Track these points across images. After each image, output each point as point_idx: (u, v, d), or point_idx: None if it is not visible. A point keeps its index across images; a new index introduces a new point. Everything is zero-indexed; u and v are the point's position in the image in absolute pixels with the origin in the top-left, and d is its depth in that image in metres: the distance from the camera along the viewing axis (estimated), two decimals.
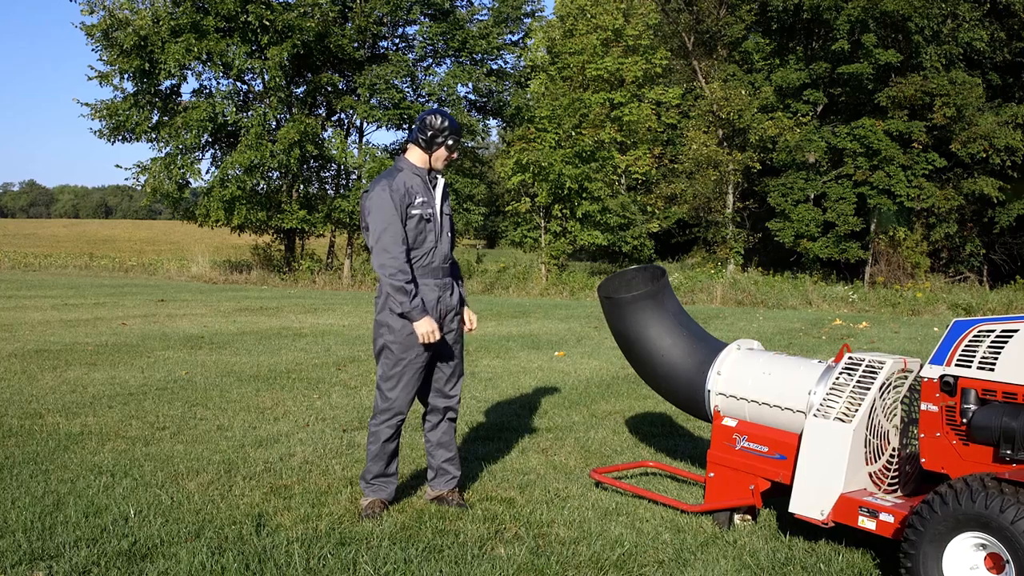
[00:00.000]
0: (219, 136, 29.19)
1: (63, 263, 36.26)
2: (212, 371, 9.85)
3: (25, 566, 4.09)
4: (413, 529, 4.75)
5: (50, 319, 14.83)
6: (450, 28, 28.63)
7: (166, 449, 6.30)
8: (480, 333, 14.29)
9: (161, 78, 27.35)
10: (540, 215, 29.15)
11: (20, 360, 10.26)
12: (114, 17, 26.87)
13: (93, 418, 7.29)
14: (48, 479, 5.47)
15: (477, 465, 6.06)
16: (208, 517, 4.83)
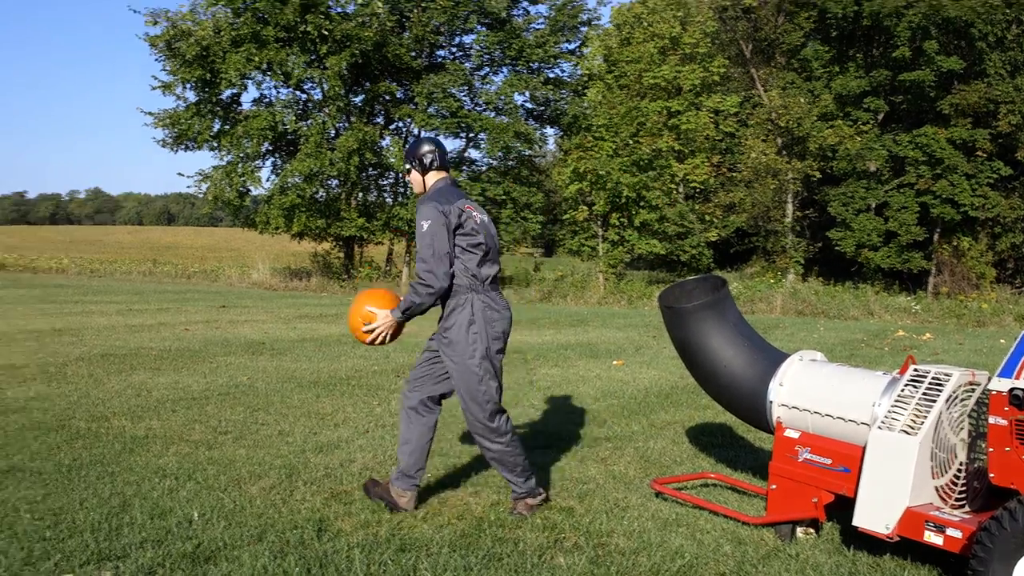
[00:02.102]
0: (279, 144, 29.52)
1: (127, 269, 36.85)
2: (273, 377, 9.96)
3: (93, 566, 4.16)
4: (473, 537, 4.76)
5: (115, 324, 15.09)
6: (507, 37, 28.71)
7: (228, 453, 6.38)
8: (538, 341, 14.29)
9: (222, 87, 27.76)
10: (598, 224, 29.08)
11: (87, 364, 10.45)
12: (177, 28, 27.32)
13: (157, 422, 7.41)
14: (114, 481, 5.56)
15: (536, 473, 6.05)
16: (270, 521, 4.88)
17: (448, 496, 5.45)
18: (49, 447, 6.39)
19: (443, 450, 6.61)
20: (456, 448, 6.70)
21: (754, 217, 34.29)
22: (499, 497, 5.46)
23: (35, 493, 5.24)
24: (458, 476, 5.92)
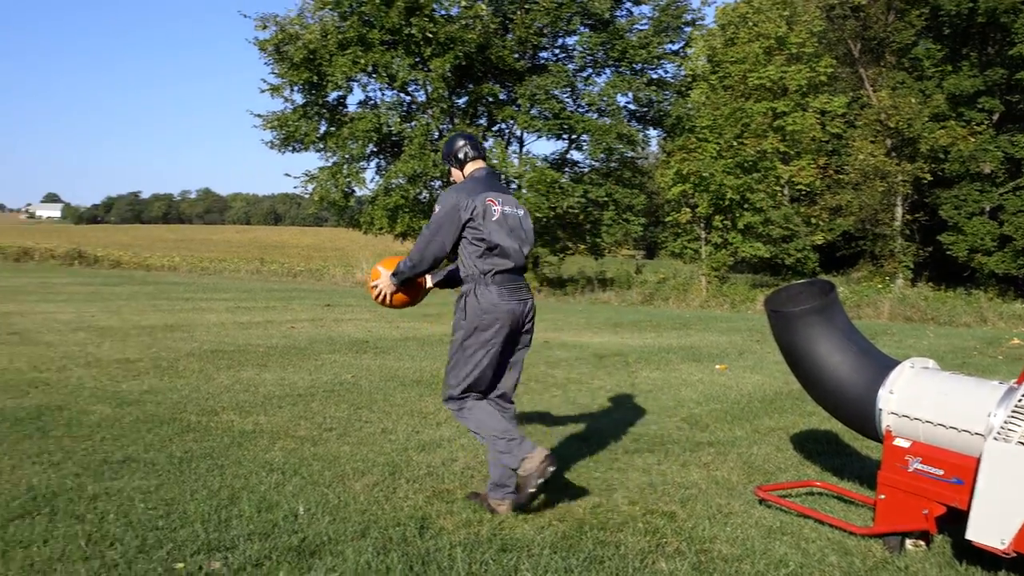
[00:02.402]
0: (383, 146, 29.89)
1: (236, 267, 37.73)
2: (376, 375, 10.09)
3: (203, 555, 4.26)
4: (574, 539, 4.75)
5: (224, 321, 15.46)
6: (610, 38, 28.60)
7: (333, 449, 6.48)
8: (639, 344, 14.21)
9: (328, 90, 28.25)
10: (700, 226, 28.82)
11: (197, 359, 10.73)
12: (285, 32, 27.89)
13: (264, 417, 7.56)
14: (223, 474, 5.69)
15: (637, 477, 6.02)
16: (373, 518, 4.94)
17: (549, 497, 5.44)
18: (161, 439, 6.58)
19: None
20: (557, 449, 6.69)
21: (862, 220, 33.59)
22: (600, 499, 5.44)
23: (148, 483, 5.40)
24: (558, 478, 5.91)
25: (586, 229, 29.65)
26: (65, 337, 12.37)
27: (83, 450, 6.14)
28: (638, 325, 17.94)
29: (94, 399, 8.04)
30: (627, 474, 6.07)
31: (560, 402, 8.84)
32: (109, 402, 7.93)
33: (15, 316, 14.96)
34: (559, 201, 27.60)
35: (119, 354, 10.95)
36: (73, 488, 5.21)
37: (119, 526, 4.59)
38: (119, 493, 5.16)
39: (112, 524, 4.61)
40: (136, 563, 4.11)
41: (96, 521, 4.65)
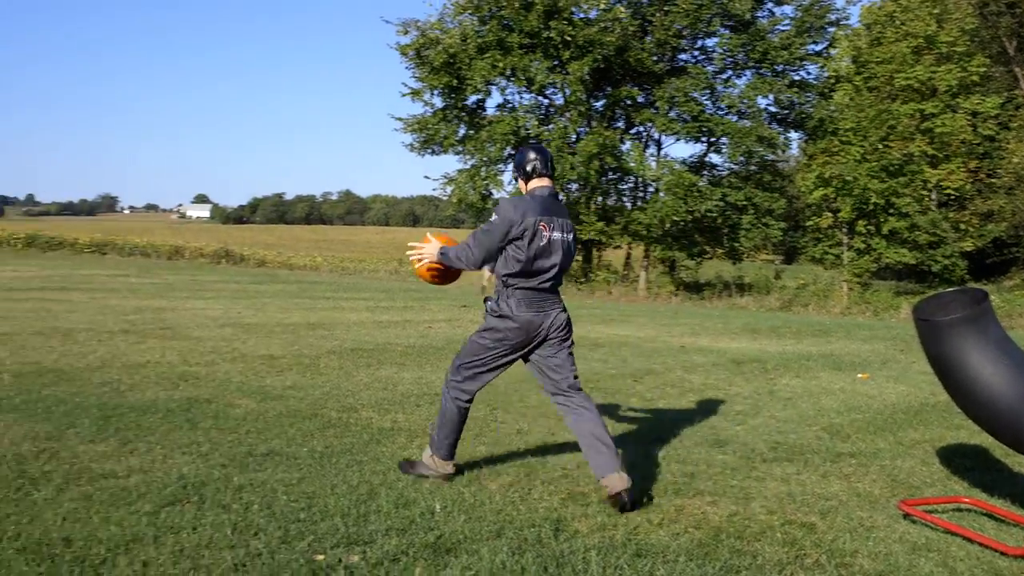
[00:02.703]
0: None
1: (375, 268, 38.49)
2: (512, 376, 10.09)
3: (343, 548, 4.34)
4: (710, 547, 4.68)
5: (364, 320, 15.78)
6: (751, 39, 28.16)
7: (469, 449, 6.53)
8: (778, 350, 13.95)
9: (468, 93, 28.60)
10: (843, 231, 28.13)
11: (338, 357, 10.98)
12: (426, 36, 28.33)
13: (402, 415, 7.68)
14: (362, 470, 5.80)
15: (775, 486, 5.90)
16: (508, 518, 4.96)
17: (685, 504, 5.38)
18: (303, 434, 6.75)
19: (680, 456, 6.55)
20: (694, 455, 6.62)
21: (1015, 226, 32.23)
22: (737, 508, 5.35)
23: (291, 476, 5.54)
24: (695, 484, 5.84)
25: (724, 233, 29.26)
26: (213, 333, 12.81)
27: (229, 442, 6.35)
28: (777, 331, 17.60)
29: (240, 393, 8.31)
30: (765, 483, 5.96)
31: (697, 408, 8.74)
32: (254, 396, 8.18)
33: (167, 312, 15.57)
34: (697, 205, 27.32)
35: (264, 350, 11.29)
36: (220, 478, 5.39)
37: (263, 516, 4.72)
38: (263, 485, 5.31)
39: (256, 514, 4.75)
40: (278, 553, 4.22)
41: (241, 511, 4.80)
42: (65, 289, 19.62)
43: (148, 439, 6.29)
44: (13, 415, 6.85)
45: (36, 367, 9.18)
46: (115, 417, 6.95)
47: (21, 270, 26.23)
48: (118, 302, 16.95)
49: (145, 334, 12.25)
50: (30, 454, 5.73)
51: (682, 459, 6.49)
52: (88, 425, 6.61)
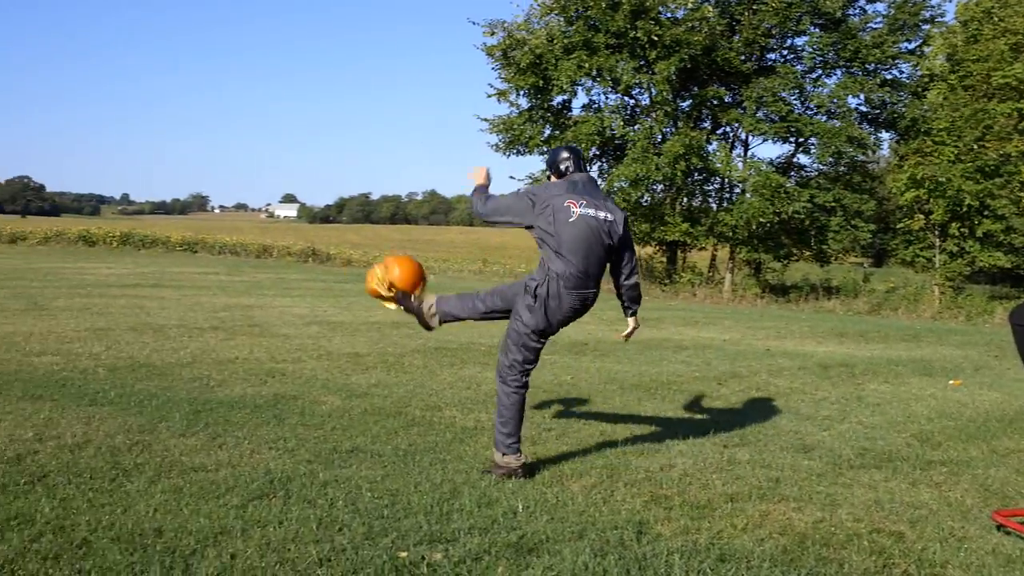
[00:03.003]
0: (606, 149, 29.97)
1: (459, 268, 38.71)
2: (595, 377, 10.12)
3: (426, 546, 4.37)
4: (795, 553, 4.61)
5: None
6: (841, 38, 27.65)
7: (551, 449, 6.54)
8: (866, 355, 13.70)
9: (554, 94, 28.57)
10: (935, 233, 27.49)
11: (422, 356, 11.07)
12: (512, 37, 28.38)
13: (486, 415, 7.71)
14: (445, 468, 5.84)
15: (863, 493, 5.79)
16: (591, 519, 4.95)
17: (769, 509, 5.31)
18: (387, 431, 6.82)
19: (765, 461, 6.47)
20: (779, 460, 6.53)
21: None
22: (823, 515, 5.26)
23: (375, 473, 5.60)
24: (780, 489, 5.76)
25: (811, 235, 28.80)
26: (300, 330, 13.01)
27: (315, 438, 6.44)
28: (865, 335, 17.29)
29: (325, 390, 8.43)
30: (852, 490, 5.85)
31: (782, 412, 8.62)
32: (339, 393, 8.29)
33: (256, 309, 15.86)
34: (784, 206, 26.93)
35: (349, 348, 11.43)
36: (306, 474, 5.46)
37: (347, 512, 4.78)
38: (347, 481, 5.38)
39: (341, 510, 4.81)
40: (362, 549, 4.26)
41: (326, 506, 4.87)
42: (157, 286, 20.09)
43: (236, 434, 6.41)
44: (108, 408, 7.04)
45: (130, 362, 9.42)
46: (205, 412, 7.10)
47: (116, 267, 26.93)
48: (208, 299, 17.31)
49: (234, 331, 12.49)
50: (124, 446, 5.88)
51: (767, 464, 6.41)
52: (179, 419, 6.76)
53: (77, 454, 5.63)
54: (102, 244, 40.85)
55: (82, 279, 20.89)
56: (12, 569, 3.82)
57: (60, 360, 9.24)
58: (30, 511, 4.52)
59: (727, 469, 6.22)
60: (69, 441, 5.93)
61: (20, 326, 11.68)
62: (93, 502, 4.72)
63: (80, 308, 14.22)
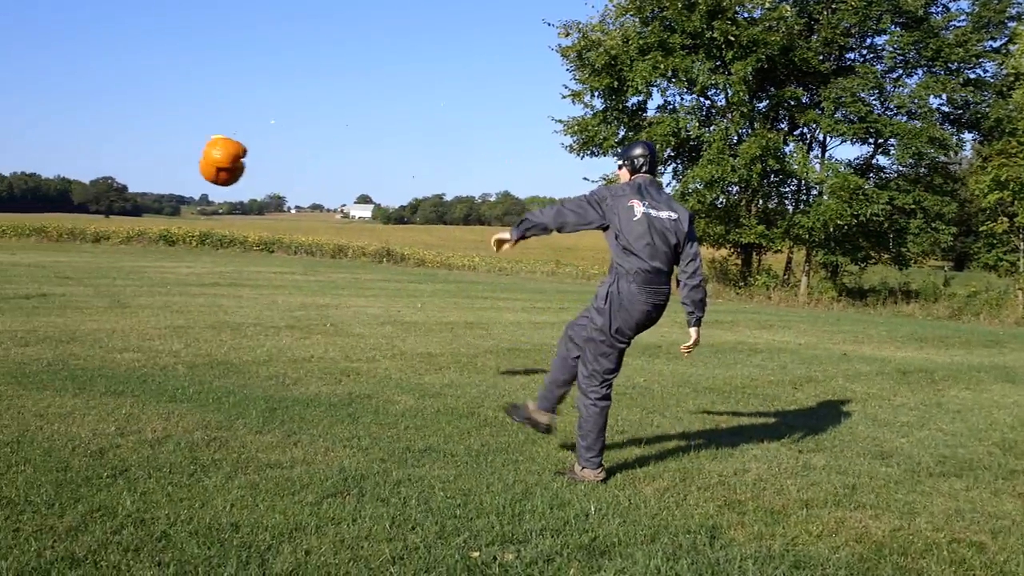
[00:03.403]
0: (681, 150, 29.78)
1: (532, 268, 38.74)
2: (669, 380, 10.06)
3: (497, 547, 4.39)
4: (871, 562, 4.53)
5: (521, 320, 15.91)
6: (923, 36, 27.11)
7: (624, 452, 6.52)
8: (947, 361, 13.42)
9: (628, 95, 28.46)
10: (1019, 237, 26.83)
11: (495, 356, 11.10)
12: (587, 39, 28.33)
13: (558, 416, 7.69)
14: (517, 469, 5.85)
15: (943, 502, 5.67)
16: (663, 523, 4.92)
17: (845, 516, 5.23)
18: (460, 431, 6.84)
19: (841, 467, 6.37)
20: (856, 466, 6.43)
21: None
22: (901, 523, 5.17)
23: (448, 473, 5.63)
24: (857, 496, 5.67)
25: (890, 238, 28.31)
26: (374, 330, 13.12)
27: (389, 437, 6.49)
28: (945, 341, 16.94)
29: (399, 390, 8.49)
30: (931, 498, 5.74)
31: (859, 418, 8.48)
32: (413, 393, 8.35)
33: (331, 308, 16.04)
34: (862, 208, 26.49)
35: (422, 348, 11.50)
36: (379, 472, 5.51)
37: (420, 511, 4.81)
38: (420, 480, 5.41)
39: (414, 509, 4.84)
40: (435, 548, 4.29)
41: (399, 505, 4.90)
42: (235, 285, 20.42)
43: (311, 431, 6.49)
44: (186, 404, 7.17)
45: (208, 359, 9.59)
46: (280, 409, 7.20)
47: (195, 266, 27.43)
48: (284, 298, 17.55)
49: (309, 330, 12.64)
50: (202, 442, 5.99)
51: (843, 470, 6.31)
52: (255, 416, 6.87)
53: (157, 449, 5.75)
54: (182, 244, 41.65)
55: (162, 278, 21.32)
56: (95, 560, 3.92)
57: (141, 357, 9.44)
58: (112, 504, 4.62)
59: (802, 475, 6.14)
60: (149, 436, 6.06)
61: (104, 323, 11.96)
62: (172, 496, 4.82)
63: (160, 306, 14.52)
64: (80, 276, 20.16)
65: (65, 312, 12.91)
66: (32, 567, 3.80)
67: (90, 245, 38.97)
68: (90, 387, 7.66)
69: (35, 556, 3.90)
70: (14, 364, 8.59)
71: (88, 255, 30.61)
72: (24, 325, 11.33)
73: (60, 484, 4.92)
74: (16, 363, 8.65)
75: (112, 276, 20.79)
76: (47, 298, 14.73)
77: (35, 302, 14.04)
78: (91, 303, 14.40)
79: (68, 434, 6.00)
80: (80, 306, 13.83)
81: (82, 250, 34.13)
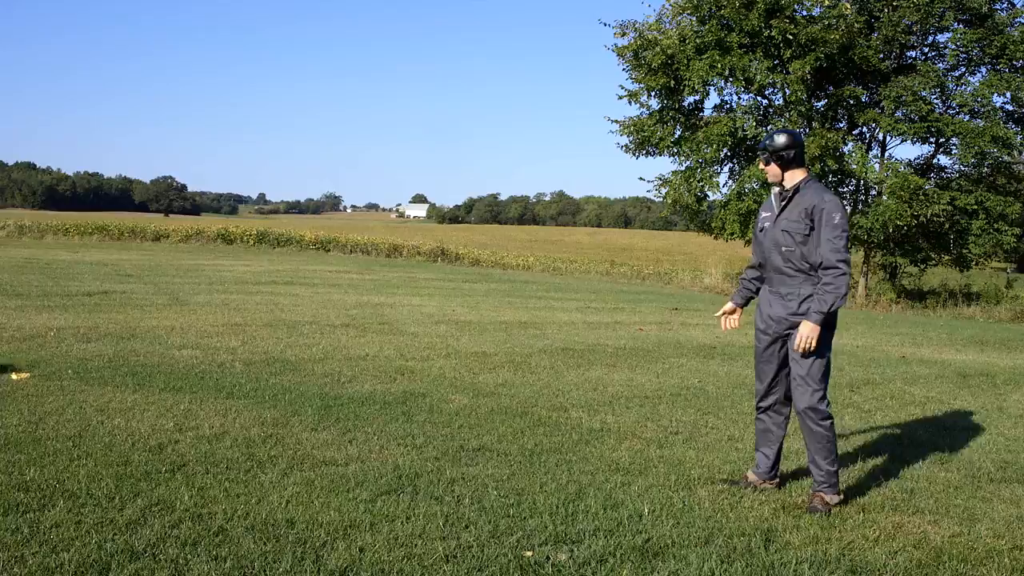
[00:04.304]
0: (737, 150, 29.52)
1: (586, 268, 38.69)
2: (724, 381, 9.98)
3: (551, 546, 4.39)
4: (930, 568, 4.46)
5: (575, 320, 15.88)
6: (987, 33, 26.63)
7: (678, 453, 6.48)
8: (1009, 365, 13.18)
9: (685, 94, 28.30)
10: None
11: (548, 356, 11.08)
12: (643, 38, 28.20)
13: (612, 417, 7.68)
14: (571, 469, 5.84)
15: (1004, 508, 5.57)
16: (718, 525, 4.89)
17: (903, 521, 5.16)
18: (514, 431, 6.85)
19: (899, 472, 6.29)
20: (914, 471, 6.34)
21: None
22: (961, 529, 5.09)
23: (501, 472, 5.63)
24: (915, 501, 5.59)
25: (951, 239, 27.86)
26: (428, 329, 13.18)
27: (442, 436, 6.51)
28: (1007, 344, 16.63)
29: (453, 388, 8.51)
30: (992, 504, 5.64)
31: (919, 422, 8.36)
32: (467, 392, 8.37)
33: (385, 307, 16.13)
34: (922, 209, 26.09)
35: (476, 347, 11.52)
36: (433, 471, 5.54)
37: (473, 510, 4.82)
38: (474, 479, 5.43)
39: (467, 508, 4.86)
40: (488, 547, 4.30)
41: (453, 503, 4.92)
42: (291, 283, 20.62)
43: (366, 429, 6.54)
44: (243, 401, 7.26)
45: (264, 356, 9.69)
46: (336, 407, 7.25)
47: (253, 264, 27.74)
48: (339, 297, 17.68)
49: (364, 328, 12.72)
50: (258, 438, 6.06)
51: (901, 475, 6.23)
52: (311, 414, 6.93)
53: (214, 445, 5.83)
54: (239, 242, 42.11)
55: (220, 276, 21.58)
56: (154, 553, 3.98)
57: (199, 354, 9.57)
58: (170, 498, 4.69)
59: (859, 479, 6.07)
60: (207, 432, 6.14)
61: (163, 320, 12.14)
62: (229, 492, 4.88)
63: (218, 304, 14.70)
64: (140, 274, 20.48)
65: (126, 309, 13.13)
66: (93, 559, 3.87)
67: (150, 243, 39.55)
68: (150, 383, 7.78)
69: (96, 548, 3.98)
70: (76, 360, 8.75)
71: (148, 253, 31.08)
72: (86, 322, 11.53)
73: (120, 478, 5.01)
74: (78, 359, 8.82)
75: (171, 274, 21.10)
76: (108, 295, 14.99)
77: (97, 299, 14.29)
78: (151, 300, 14.62)
79: (128, 429, 6.11)
80: (140, 304, 14.05)
81: (142, 248, 34.66)
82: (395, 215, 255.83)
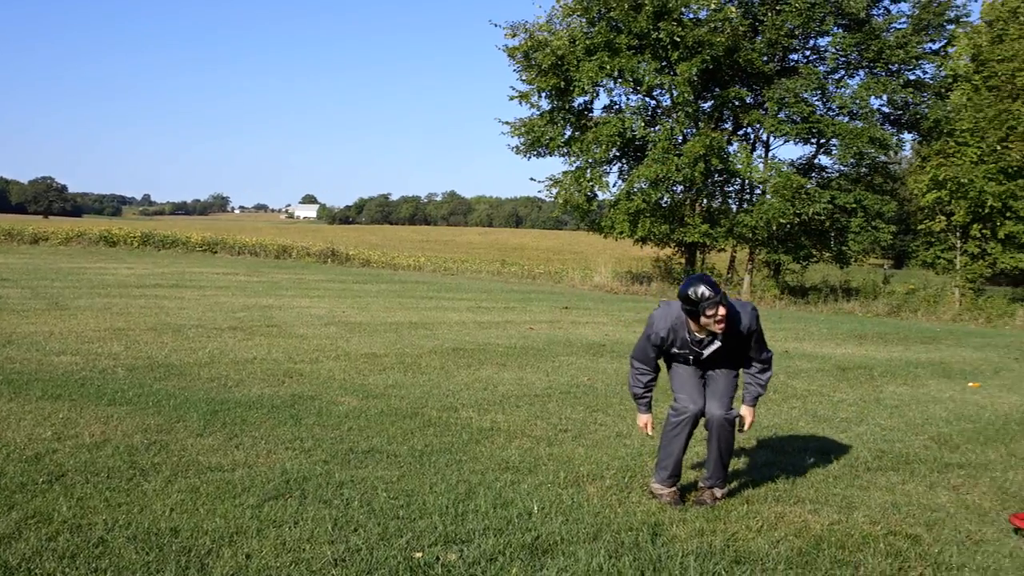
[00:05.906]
0: (627, 150, 29.92)
1: (477, 268, 38.70)
2: (613, 379, 10.11)
3: (440, 547, 4.39)
4: (810, 555, 4.60)
5: (465, 320, 15.89)
6: (865, 38, 27.50)
7: (567, 451, 6.54)
8: (885, 357, 13.63)
9: (575, 95, 28.56)
10: (956, 235, 27.33)
11: (439, 357, 11.08)
12: (534, 39, 28.37)
13: (502, 416, 7.72)
14: (461, 469, 5.85)
15: (880, 496, 5.77)
16: (606, 521, 4.95)
17: (785, 511, 5.30)
18: (404, 432, 6.83)
19: (781, 463, 6.46)
20: (795, 462, 6.51)
21: None
22: (839, 517, 5.25)
23: (391, 474, 5.62)
24: (796, 491, 5.75)
25: (831, 236, 28.70)
26: (317, 331, 13.04)
27: (332, 439, 6.46)
28: (884, 337, 17.20)
29: (343, 391, 8.45)
30: (869, 492, 5.84)
31: (800, 414, 8.60)
32: (356, 394, 8.32)
33: (274, 309, 15.91)
34: (804, 207, 26.84)
35: (367, 349, 11.45)
36: (322, 474, 5.49)
37: (363, 513, 4.80)
38: (363, 481, 5.40)
39: (356, 510, 4.83)
40: (377, 550, 4.28)
41: (342, 507, 4.89)
42: (177, 286, 20.18)
43: (253, 434, 6.45)
44: (126, 408, 7.09)
45: (148, 362, 9.47)
46: (222, 412, 7.13)
47: (137, 267, 27.06)
48: (227, 299, 17.38)
49: (252, 331, 12.54)
50: (141, 446, 5.92)
51: (783, 466, 6.40)
52: (196, 419, 6.80)
53: (95, 453, 5.68)
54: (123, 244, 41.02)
55: (103, 279, 21.00)
56: (29, 568, 3.86)
57: (79, 360, 9.31)
58: (48, 510, 4.56)
59: (742, 471, 6.21)
60: (87, 440, 5.98)
61: (41, 326, 11.76)
62: (110, 501, 4.76)
63: (100, 308, 14.31)
64: (17, 277, 19.80)
65: (1, 315, 12.69)
66: None
67: (28, 246, 38.24)
68: (26, 391, 7.54)
69: None
70: None
71: (26, 256, 30.07)
72: None
73: None
74: None
75: (51, 277, 20.45)
76: None
77: None
78: (28, 305, 14.15)
79: (3, 440, 5.91)
80: (17, 308, 13.59)
81: (19, 251, 33.49)
82: (284, 216, 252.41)
